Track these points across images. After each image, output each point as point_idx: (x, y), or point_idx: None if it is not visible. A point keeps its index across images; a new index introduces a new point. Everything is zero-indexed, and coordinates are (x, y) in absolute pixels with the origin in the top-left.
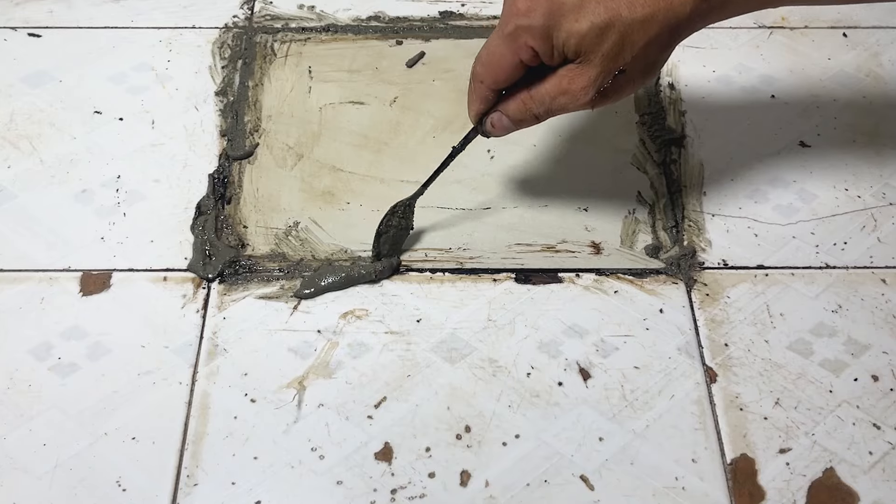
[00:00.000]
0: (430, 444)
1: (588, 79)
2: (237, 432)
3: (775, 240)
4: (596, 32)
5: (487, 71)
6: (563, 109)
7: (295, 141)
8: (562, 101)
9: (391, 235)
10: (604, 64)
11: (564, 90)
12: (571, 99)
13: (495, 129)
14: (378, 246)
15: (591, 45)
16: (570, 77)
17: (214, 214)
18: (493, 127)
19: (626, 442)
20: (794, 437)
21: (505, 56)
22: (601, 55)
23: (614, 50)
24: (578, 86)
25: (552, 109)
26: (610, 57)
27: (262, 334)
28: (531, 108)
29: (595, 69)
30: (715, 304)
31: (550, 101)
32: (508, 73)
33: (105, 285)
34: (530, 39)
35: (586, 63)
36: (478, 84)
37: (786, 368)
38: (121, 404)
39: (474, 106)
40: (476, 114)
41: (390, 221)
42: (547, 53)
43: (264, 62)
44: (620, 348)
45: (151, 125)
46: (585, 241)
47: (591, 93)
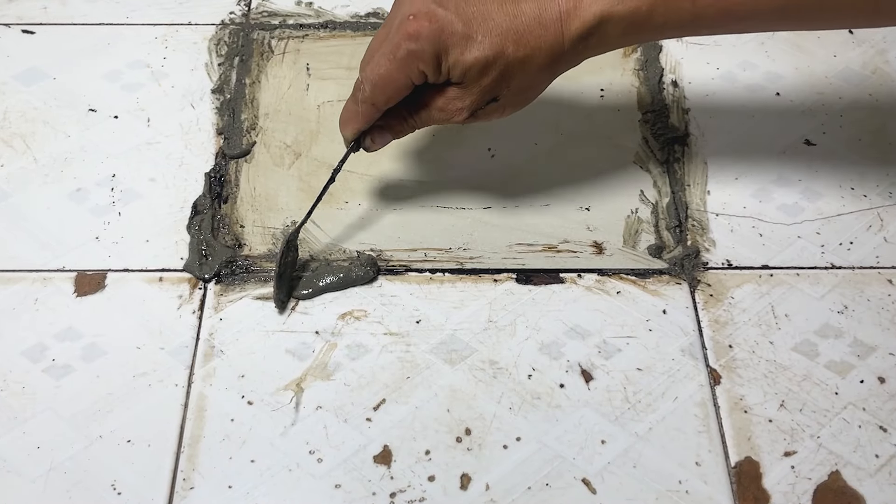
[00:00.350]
0: (430, 446)
1: (464, 102)
2: (234, 435)
3: (780, 239)
4: (480, 67)
5: (380, 93)
6: (438, 122)
7: (292, 139)
8: (438, 116)
9: (287, 274)
10: (480, 94)
11: (441, 108)
12: (447, 116)
13: (375, 144)
14: (279, 291)
15: (474, 76)
16: (448, 98)
17: (211, 214)
18: (373, 143)
19: (629, 445)
20: (799, 439)
21: (398, 79)
22: (479, 86)
23: (492, 83)
24: (455, 107)
25: (429, 122)
26: (487, 89)
27: (260, 335)
28: (411, 123)
29: (472, 97)
30: (719, 304)
31: (428, 116)
32: (401, 93)
33: (100, 286)
34: (422, 64)
35: (465, 89)
36: (367, 105)
37: (791, 370)
38: (116, 406)
39: (356, 125)
40: (357, 131)
41: (286, 258)
42: (434, 75)
43: (261, 59)
44: (623, 350)
45: (147, 123)
46: (587, 241)
47: (465, 114)
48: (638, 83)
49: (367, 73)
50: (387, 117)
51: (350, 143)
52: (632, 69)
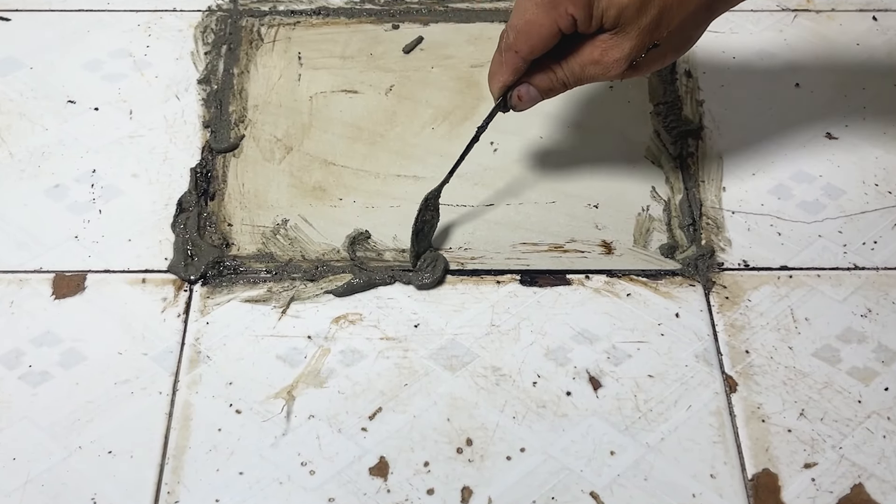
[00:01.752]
0: (429, 458)
1: (622, 51)
2: (221, 445)
3: (800, 239)
4: (637, 5)
5: (524, 40)
6: (593, 79)
7: (283, 132)
8: (593, 70)
9: (426, 231)
10: (640, 37)
11: (596, 60)
12: (603, 70)
13: (522, 101)
14: (417, 246)
15: (631, 17)
16: (604, 48)
17: (197, 211)
18: (519, 100)
19: (640, 456)
20: (820, 450)
21: (544, 24)
22: (638, 28)
23: (652, 24)
24: (612, 57)
25: (582, 78)
26: (647, 31)
27: (249, 340)
28: (561, 78)
29: (630, 42)
30: (735, 307)
31: (581, 70)
32: (546, 41)
33: (79, 287)
34: (571, 7)
35: (622, 34)
36: (511, 54)
37: (811, 377)
38: (96, 415)
39: (503, 77)
40: (503, 86)
41: (425, 216)
42: (585, 21)
43: (250, 48)
44: (633, 355)
45: (129, 115)
46: (596, 241)
47: (623, 65)
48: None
49: (512, 20)
50: (534, 72)
51: (497, 99)
52: None
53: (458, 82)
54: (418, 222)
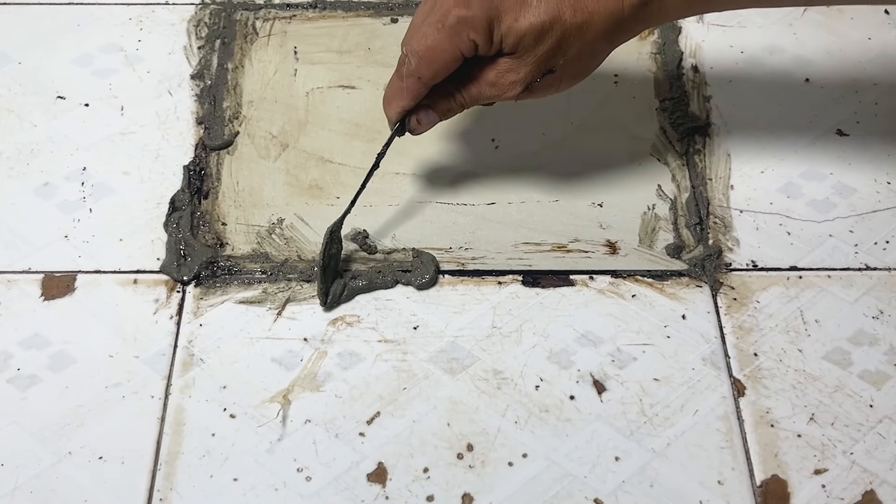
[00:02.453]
0: (429, 464)
1: (518, 75)
2: (215, 451)
3: (810, 238)
4: (535, 33)
5: (426, 66)
6: (489, 100)
7: (279, 129)
8: (489, 92)
9: (332, 265)
10: (536, 64)
11: (493, 83)
12: (499, 91)
13: (421, 125)
14: (326, 281)
15: (529, 44)
16: (500, 71)
17: (190, 210)
18: (418, 124)
19: (645, 462)
20: (830, 456)
21: (446, 50)
22: (535, 56)
23: (549, 52)
24: (508, 80)
25: (479, 99)
26: (544, 58)
27: (243, 343)
28: (459, 101)
29: (527, 68)
30: (743, 309)
31: (478, 92)
32: (449, 67)
33: (69, 288)
34: (472, 33)
35: (519, 60)
36: (413, 80)
37: (821, 381)
38: (87, 420)
39: (402, 103)
40: (402, 111)
41: (331, 249)
42: (485, 46)
43: (245, 42)
44: (639, 358)
45: (120, 112)
46: (600, 240)
47: (518, 88)
48: (655, 68)
49: (412, 46)
50: (433, 96)
51: (395, 125)
52: (648, 53)
53: None
54: (325, 257)
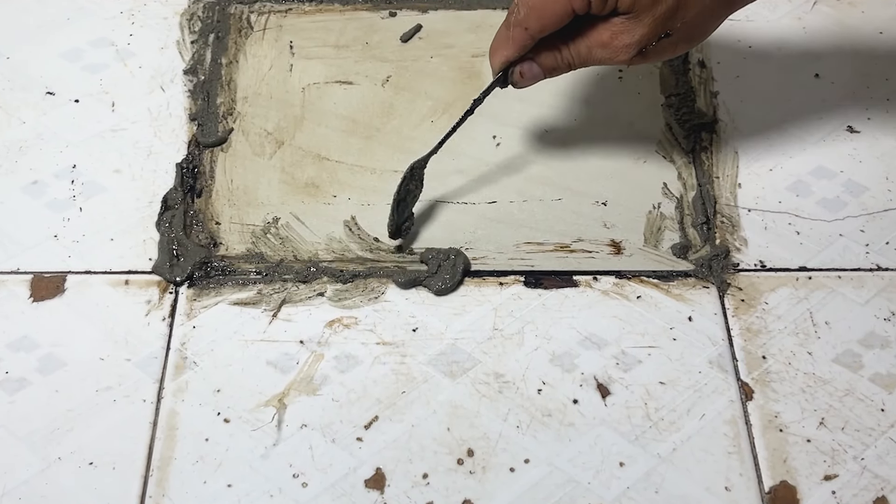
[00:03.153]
0: (428, 469)
1: (633, 37)
2: (209, 456)
3: (820, 238)
4: None
5: (536, 17)
6: (599, 62)
7: (274, 126)
8: (600, 54)
9: (408, 202)
10: (653, 26)
11: (605, 44)
12: (611, 54)
13: (524, 79)
14: (398, 216)
15: (646, 4)
16: (614, 32)
17: (183, 209)
18: (521, 77)
19: (651, 467)
20: (840, 461)
21: (558, 3)
22: (653, 16)
23: (667, 13)
24: (622, 42)
25: (588, 61)
26: (661, 20)
27: (237, 345)
28: (567, 58)
29: (643, 29)
30: (751, 311)
31: (587, 52)
32: (559, 21)
33: (59, 290)
34: None
35: (635, 20)
36: (519, 30)
37: (832, 384)
38: (77, 425)
39: (506, 52)
40: (506, 61)
41: (409, 185)
42: (600, 3)
43: (239, 36)
44: (644, 361)
45: (111, 108)
46: (604, 240)
47: (632, 51)
48: (661, 63)
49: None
50: (539, 49)
51: (497, 74)
52: None
53: (459, 73)
54: (401, 191)
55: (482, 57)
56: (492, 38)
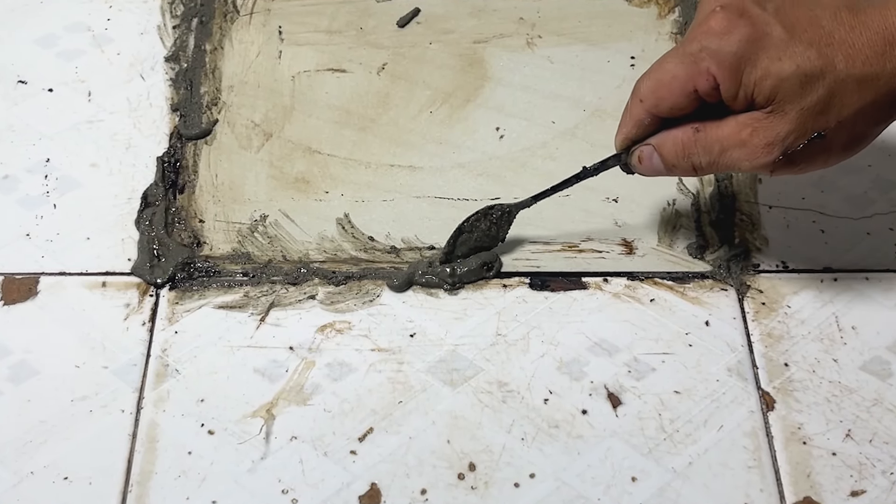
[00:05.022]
0: (427, 485)
1: (776, 134)
2: (192, 471)
3: (846, 237)
4: (800, 79)
5: (652, 89)
6: (733, 167)
7: (262, 117)
8: (735, 155)
9: (474, 239)
10: (800, 121)
11: (743, 142)
12: (748, 155)
13: (641, 165)
14: (454, 245)
15: (791, 93)
16: (754, 127)
17: (164, 206)
18: (639, 162)
19: (665, 482)
20: (868, 476)
21: (678, 77)
22: (800, 109)
23: (818, 106)
24: (762, 141)
25: (719, 163)
26: (811, 114)
27: (223, 352)
28: (692, 154)
29: (788, 125)
30: (772, 315)
31: (720, 151)
32: (676, 98)
33: (31, 292)
34: (714, 66)
35: (779, 114)
36: (635, 102)
37: (858, 393)
38: (50, 437)
39: (625, 129)
40: (625, 138)
41: (478, 222)
42: (731, 91)
43: (225, 21)
44: (657, 369)
45: (88, 98)
46: (615, 239)
47: (775, 153)
48: None
49: (650, 68)
50: (664, 138)
51: (620, 152)
52: (668, 33)
53: (460, 60)
54: (467, 223)
55: (484, 43)
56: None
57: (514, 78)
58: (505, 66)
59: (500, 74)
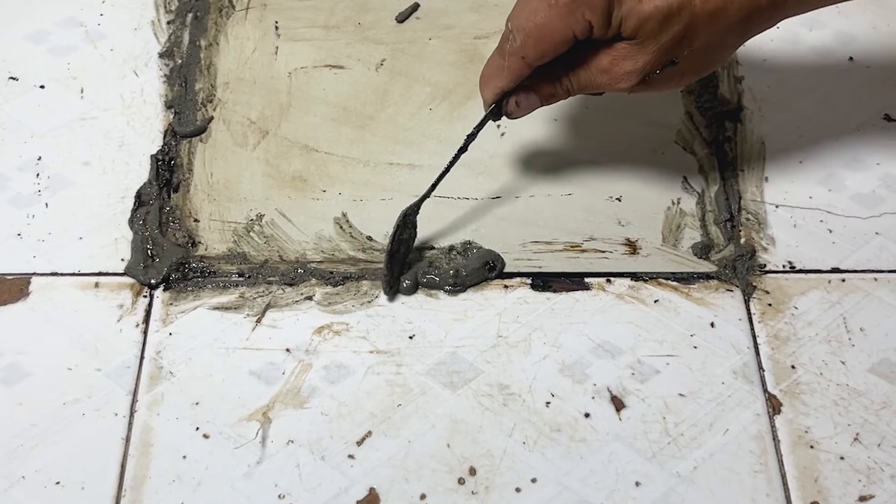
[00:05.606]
0: (426, 489)
1: (635, 64)
2: (186, 475)
3: (854, 237)
4: (660, 18)
5: (533, 45)
6: (599, 89)
7: (258, 114)
8: (601, 80)
9: (402, 253)
10: (658, 53)
11: (606, 69)
12: (611, 80)
13: (520, 108)
14: (392, 270)
15: (651, 30)
16: (615, 57)
17: (158, 205)
18: (516, 107)
19: (669, 487)
20: (877, 481)
21: (557, 30)
22: (658, 43)
23: (673, 41)
24: (623, 69)
25: (588, 87)
26: (666, 47)
27: (218, 354)
28: (566, 86)
29: (646, 56)
30: (779, 316)
31: (588, 78)
32: (558, 48)
33: (22, 293)
34: (588, 12)
35: (639, 47)
36: (516, 59)
37: (867, 396)
38: (42, 441)
39: (500, 83)
40: (500, 92)
41: (402, 234)
42: (602, 28)
43: (220, 16)
44: (662, 371)
45: (80, 95)
46: (618, 239)
47: (634, 79)
48: None
49: (519, 21)
50: (536, 78)
51: (490, 106)
52: None
53: (460, 56)
54: (394, 242)
55: (485, 38)
56: (494, 18)
57: None
58: None
59: None
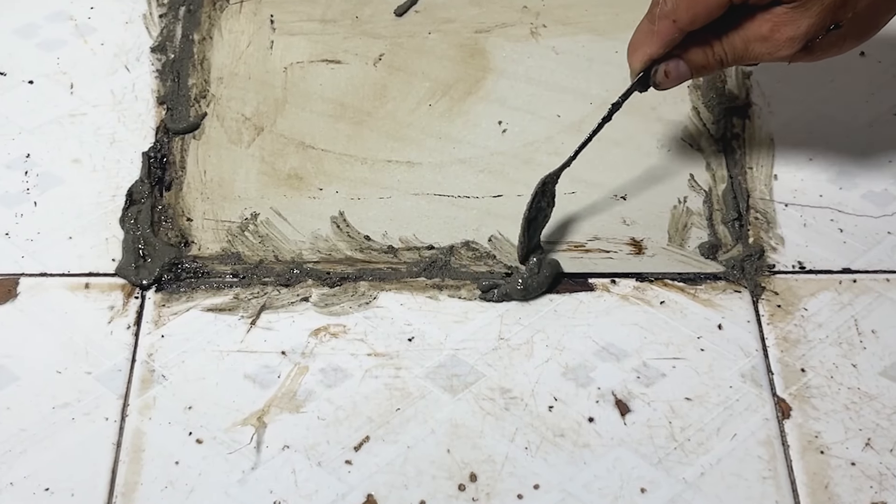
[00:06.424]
0: (426, 496)
1: (798, 29)
2: (179, 481)
3: (866, 236)
4: None
5: (686, 8)
6: (757, 59)
7: (253, 110)
8: (759, 49)
9: (539, 222)
10: (821, 15)
11: (765, 37)
12: (771, 48)
13: (669, 79)
14: (528, 239)
15: None
16: (776, 23)
17: (150, 204)
18: (665, 77)
19: (676, 493)
20: (889, 487)
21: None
22: (821, 4)
23: (838, 1)
24: (785, 35)
25: (744, 57)
26: (831, 8)
27: (211, 357)
28: (719, 54)
29: (810, 19)
30: (788, 318)
31: (744, 47)
32: (713, 11)
33: (10, 294)
34: None
35: (801, 10)
36: (666, 23)
37: (879, 400)
38: (31, 446)
39: (650, 49)
40: (649, 59)
41: (540, 203)
42: None
43: (214, 9)
44: (668, 375)
45: (70, 90)
46: (623, 238)
47: (796, 45)
48: None
49: None
50: (687, 46)
51: (637, 75)
52: None
53: (460, 50)
54: (532, 209)
55: (486, 33)
56: (495, 12)
57: (518, 69)
58: (508, 57)
59: (502, 66)
